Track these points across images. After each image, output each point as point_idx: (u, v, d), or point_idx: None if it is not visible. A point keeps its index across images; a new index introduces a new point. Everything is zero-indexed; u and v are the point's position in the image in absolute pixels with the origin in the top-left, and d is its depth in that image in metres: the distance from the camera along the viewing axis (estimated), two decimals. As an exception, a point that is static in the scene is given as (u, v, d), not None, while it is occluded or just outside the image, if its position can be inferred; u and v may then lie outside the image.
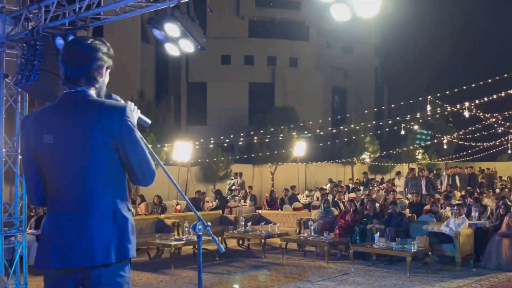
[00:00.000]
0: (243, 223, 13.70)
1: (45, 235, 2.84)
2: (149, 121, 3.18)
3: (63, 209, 2.80)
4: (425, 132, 32.32)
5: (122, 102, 2.99)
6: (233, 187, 22.02)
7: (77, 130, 2.76)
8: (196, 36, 5.46)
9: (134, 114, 3.00)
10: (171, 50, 5.84)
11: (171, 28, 5.57)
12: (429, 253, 10.66)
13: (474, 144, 30.07)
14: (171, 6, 5.49)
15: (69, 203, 2.80)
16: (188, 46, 5.67)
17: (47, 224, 2.86)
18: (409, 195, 16.95)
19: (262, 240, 12.79)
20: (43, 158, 2.82)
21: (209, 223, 3.49)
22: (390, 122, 28.14)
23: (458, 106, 22.22)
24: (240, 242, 14.34)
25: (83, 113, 2.79)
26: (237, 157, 26.08)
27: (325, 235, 12.03)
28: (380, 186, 22.20)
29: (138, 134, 2.83)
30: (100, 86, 2.97)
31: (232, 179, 23.07)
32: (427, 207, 14.17)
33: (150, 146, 3.02)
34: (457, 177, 21.74)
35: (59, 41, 6.30)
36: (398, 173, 22.94)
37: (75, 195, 2.79)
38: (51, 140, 2.78)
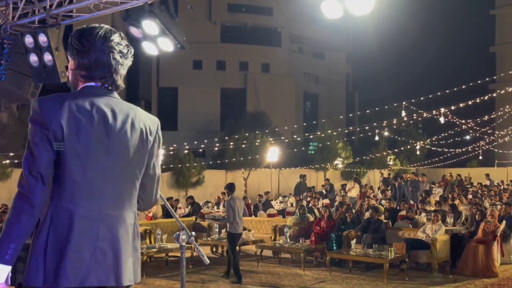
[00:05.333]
0: (217, 230, 13.43)
1: (54, 244, 2.32)
2: None
3: (89, 213, 2.38)
4: (398, 138, 32.53)
5: None
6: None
7: (126, 129, 2.50)
8: (176, 35, 5.20)
9: None
10: (149, 49, 5.56)
11: (150, 26, 5.30)
12: (406, 260, 10.57)
13: (446, 150, 30.36)
14: (148, 3, 5.24)
15: (101, 207, 2.42)
16: (167, 45, 5.41)
17: (61, 229, 2.34)
18: (383, 201, 16.91)
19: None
20: (76, 149, 2.37)
21: (193, 233, 3.30)
22: (363, 128, 28.20)
23: (434, 111, 22.37)
24: (214, 249, 14.08)
25: (130, 114, 2.55)
26: (210, 162, 25.79)
27: (301, 242, 11.86)
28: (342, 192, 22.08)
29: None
30: None
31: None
32: (402, 212, 14.12)
33: None
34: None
35: (28, 40, 5.98)
36: (356, 180, 22.80)
37: (108, 199, 2.44)
38: (96, 133, 2.41)
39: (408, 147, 31.14)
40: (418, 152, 31.74)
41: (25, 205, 2.30)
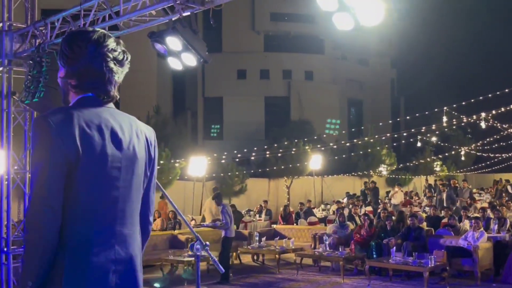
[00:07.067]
0: (257, 238, 13.54)
1: (73, 274, 2.16)
2: None
3: (106, 236, 2.25)
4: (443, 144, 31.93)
5: None
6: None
7: (133, 142, 2.35)
8: (198, 49, 5.34)
9: None
10: (174, 64, 5.75)
11: (173, 42, 5.48)
12: (447, 268, 10.40)
13: (492, 155, 29.61)
14: (173, 19, 5.42)
15: (116, 228, 2.28)
16: (190, 60, 5.56)
17: (78, 256, 2.17)
18: (427, 208, 16.64)
19: (277, 256, 12.61)
20: (91, 170, 2.20)
21: (207, 243, 3.38)
22: (405, 134, 27.81)
23: (474, 117, 21.88)
24: (255, 257, 14.17)
25: (132, 125, 2.38)
26: (252, 171, 25.93)
27: (340, 250, 11.82)
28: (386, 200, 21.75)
29: None
30: None
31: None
32: (445, 220, 13.88)
33: (161, 162, 2.84)
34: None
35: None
36: (399, 184, 22.40)
37: (123, 218, 2.31)
38: (109, 149, 2.25)
39: (453, 152, 30.51)
40: (463, 158, 31.03)
41: (37, 242, 2.12)
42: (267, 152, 25.71)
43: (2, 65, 7.80)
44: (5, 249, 7.95)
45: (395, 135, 29.70)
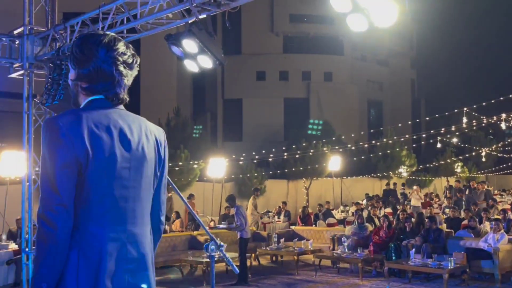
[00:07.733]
0: (276, 239, 13.56)
1: (86, 273, 2.20)
2: None
3: (117, 235, 2.27)
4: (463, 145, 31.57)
5: None
6: None
7: (143, 143, 2.38)
8: (214, 52, 5.39)
9: None
10: (190, 66, 5.81)
11: (189, 44, 5.53)
12: (467, 270, 10.32)
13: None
14: (189, 22, 5.48)
15: (127, 227, 2.32)
16: (206, 62, 5.62)
17: (91, 256, 2.21)
18: (447, 210, 16.49)
19: (295, 257, 12.61)
20: (101, 170, 2.22)
21: (222, 243, 3.39)
22: (425, 135, 27.57)
23: (495, 117, 21.62)
24: (273, 258, 14.19)
25: (142, 126, 2.41)
26: (270, 172, 25.94)
27: (359, 251, 11.79)
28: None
29: None
30: None
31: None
32: (465, 222, 13.76)
33: (180, 163, 2.87)
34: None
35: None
36: (418, 184, 22.22)
37: (134, 217, 2.35)
38: (118, 150, 2.28)
39: (473, 153, 30.18)
40: (483, 159, 30.66)
41: (49, 244, 2.14)
42: (286, 153, 25.71)
43: (24, 68, 7.97)
44: (27, 249, 8.08)
45: (414, 136, 29.48)
